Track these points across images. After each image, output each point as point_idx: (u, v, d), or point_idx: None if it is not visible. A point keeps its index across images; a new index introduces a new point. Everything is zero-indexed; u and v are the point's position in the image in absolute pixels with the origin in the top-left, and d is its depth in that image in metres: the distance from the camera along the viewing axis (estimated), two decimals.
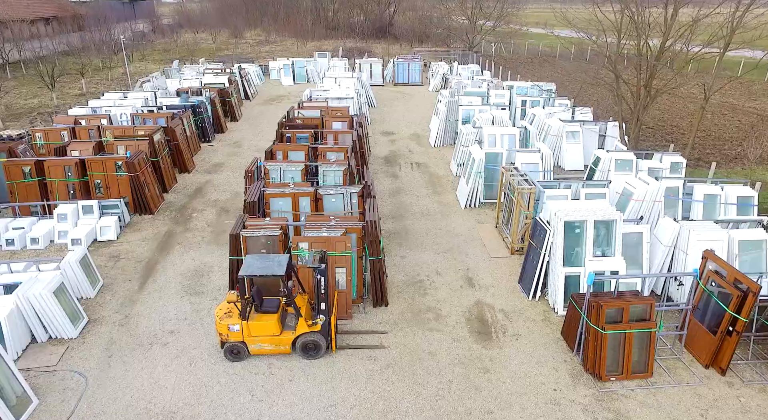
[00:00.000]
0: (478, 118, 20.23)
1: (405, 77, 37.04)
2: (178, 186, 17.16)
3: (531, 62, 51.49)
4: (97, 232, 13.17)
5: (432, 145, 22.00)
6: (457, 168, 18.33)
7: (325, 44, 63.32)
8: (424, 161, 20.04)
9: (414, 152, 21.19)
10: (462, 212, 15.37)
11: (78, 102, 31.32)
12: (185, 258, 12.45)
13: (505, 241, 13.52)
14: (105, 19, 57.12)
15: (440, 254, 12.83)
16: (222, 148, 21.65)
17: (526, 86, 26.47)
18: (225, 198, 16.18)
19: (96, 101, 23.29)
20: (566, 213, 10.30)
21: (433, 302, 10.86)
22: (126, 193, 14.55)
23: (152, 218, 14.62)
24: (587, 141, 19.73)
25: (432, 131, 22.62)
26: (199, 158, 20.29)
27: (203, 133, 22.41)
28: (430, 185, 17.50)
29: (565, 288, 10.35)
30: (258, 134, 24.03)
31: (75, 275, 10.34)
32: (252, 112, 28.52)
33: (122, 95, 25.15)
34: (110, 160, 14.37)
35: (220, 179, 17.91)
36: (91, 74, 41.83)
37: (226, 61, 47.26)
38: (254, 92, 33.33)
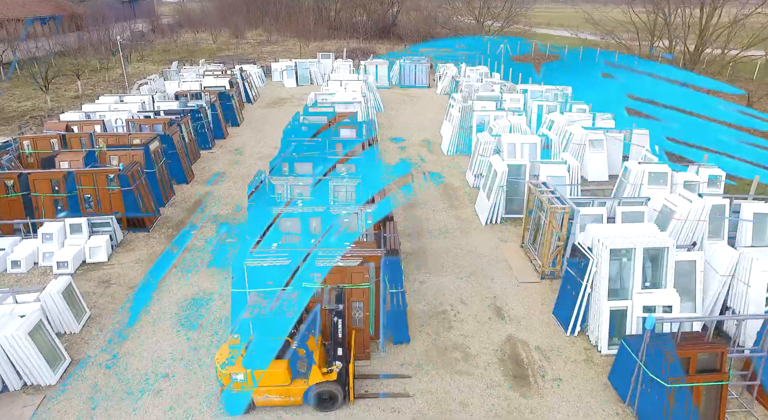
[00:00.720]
0: (494, 125, 19.05)
1: (411, 79, 35.86)
2: (176, 199, 15.98)
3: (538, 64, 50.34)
4: (86, 253, 11.99)
5: (445, 152, 20.81)
6: (474, 179, 17.14)
7: (328, 45, 62.16)
8: (437, 171, 18.85)
9: (427, 161, 20.00)
10: (483, 229, 14.19)
11: (73, 105, 30.17)
12: (182, 283, 11.27)
13: (533, 263, 12.34)
14: (103, 18, 55.94)
15: (463, 279, 11.65)
16: (223, 156, 20.46)
17: (541, 90, 25.30)
18: (226, 213, 14.99)
19: (90, 105, 22.11)
20: (611, 239, 9.12)
21: (460, 338, 9.68)
22: (118, 209, 13.37)
23: (147, 236, 13.44)
24: (611, 150, 18.56)
25: (444, 138, 21.44)
26: (198, 167, 19.11)
27: (203, 140, 21.23)
28: (446, 198, 16.32)
29: (609, 323, 9.18)
30: (260, 140, 22.85)
31: (57, 308, 9.17)
32: (254, 116, 27.34)
33: (118, 99, 23.99)
34: (101, 173, 13.19)
35: (221, 191, 16.72)
36: (88, 75, 40.67)
37: (226, 61, 46.11)
38: (256, 94, 32.16)
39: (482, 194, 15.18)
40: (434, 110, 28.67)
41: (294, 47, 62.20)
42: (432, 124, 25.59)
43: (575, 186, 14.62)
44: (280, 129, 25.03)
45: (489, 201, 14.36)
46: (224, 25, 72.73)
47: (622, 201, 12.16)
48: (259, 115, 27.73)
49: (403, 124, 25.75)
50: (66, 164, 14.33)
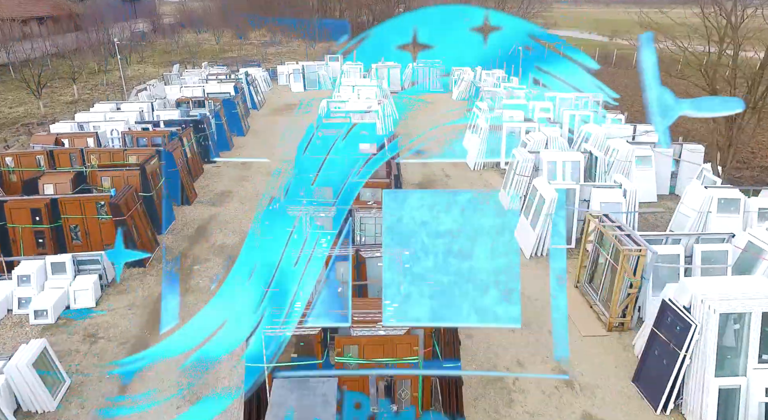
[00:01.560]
0: (528, 139, 17.23)
1: (425, 83, 34.04)
2: (177, 224, 14.17)
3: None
4: (71, 298, 10.19)
5: (471, 167, 18.98)
6: (510, 201, 15.32)
7: (334, 46, 60.38)
8: (465, 189, 17.03)
9: (452, 177, 18.18)
10: (528, 264, 12.38)
11: (68, 110, 28.40)
12: (183, 338, 9.47)
13: (594, 309, 10.53)
14: (102, 18, 54.18)
15: (516, 331, 9.83)
16: (228, 171, 18.65)
17: (570, 97, 23.48)
18: (233, 242, 13.17)
19: (84, 115, 20.30)
20: (720, 301, 7.30)
21: (525, 417, 7.87)
22: (110, 241, 11.58)
23: (143, 272, 11.64)
24: (659, 167, 16.74)
25: (470, 151, 19.60)
26: (201, 184, 17.31)
27: (206, 153, 19.44)
28: None
29: (717, 404, 7.36)
30: (268, 152, 21.04)
31: (26, 383, 7.37)
32: (260, 124, 25.55)
33: (114, 106, 22.20)
34: (90, 200, 11.40)
35: (227, 214, 14.91)
36: (86, 78, 38.92)
37: (230, 64, 44.35)
38: (262, 100, 30.37)
39: (523, 222, 13.36)
40: (453, 118, 26.85)
41: (299, 48, 60.46)
42: (452, 133, 23.76)
43: (632, 213, 12.80)
44: (289, 139, 23.34)
45: (534, 231, 12.53)
46: (227, 25, 70.94)
47: (700, 238, 10.35)
48: (265, 122, 25.93)
49: (419, 132, 23.92)
50: (51, 188, 12.54)
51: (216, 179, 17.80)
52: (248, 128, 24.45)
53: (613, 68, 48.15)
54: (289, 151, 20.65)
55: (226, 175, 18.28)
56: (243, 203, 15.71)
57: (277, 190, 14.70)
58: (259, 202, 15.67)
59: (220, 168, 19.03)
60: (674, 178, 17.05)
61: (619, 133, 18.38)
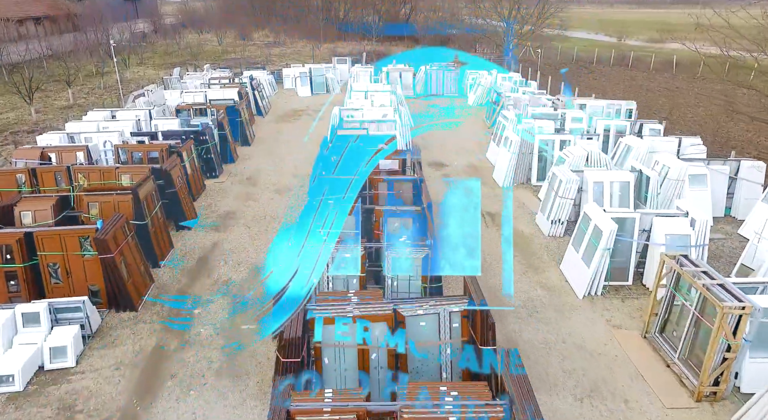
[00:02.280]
0: (566, 154, 15.49)
1: (439, 88, 32.32)
2: (175, 253, 12.45)
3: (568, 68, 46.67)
4: (45, 357, 8.49)
5: (500, 184, 17.24)
6: (551, 226, 13.57)
7: (340, 47, 58.74)
8: (497, 210, 15.29)
9: (481, 195, 16.44)
10: (581, 304, 10.64)
11: (61, 116, 26.73)
12: (183, 410, 7.76)
13: (671, 367, 8.79)
14: (101, 18, 52.50)
15: (584, 401, 8.11)
16: (232, 188, 16.93)
17: (602, 105, 21.74)
18: (240, 276, 11.46)
19: (75, 124, 18.61)
20: None
21: None
22: (96, 282, 9.89)
23: (134, 319, 9.92)
24: (714, 186, 14.98)
25: (498, 166, 17.86)
26: (203, 202, 15.61)
27: (209, 166, 17.74)
28: (520, 252, 12.76)
29: None
30: (276, 164, 19.34)
31: None
32: (266, 132, 23.84)
33: (109, 114, 20.52)
34: (72, 235, 9.69)
35: (232, 240, 13.19)
36: (82, 81, 37.26)
37: (233, 66, 42.69)
38: (267, 105, 28.67)
39: (572, 254, 11.62)
40: (472, 125, 25.14)
41: (304, 49, 58.78)
42: (473, 144, 22.05)
43: (702, 247, 11.06)
44: (298, 150, 21.62)
45: (589, 268, 10.79)
46: (229, 26, 69.28)
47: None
48: (271, 131, 24.22)
49: (439, 143, 22.21)
50: (29, 216, 10.84)
51: (219, 197, 16.08)
52: (254, 137, 22.75)
53: (631, 70, 46.32)
54: (298, 161, 19.02)
55: (231, 192, 16.56)
56: (249, 227, 13.98)
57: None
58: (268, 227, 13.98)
59: (223, 184, 17.32)
60: (730, 198, 15.32)
61: (665, 147, 16.68)
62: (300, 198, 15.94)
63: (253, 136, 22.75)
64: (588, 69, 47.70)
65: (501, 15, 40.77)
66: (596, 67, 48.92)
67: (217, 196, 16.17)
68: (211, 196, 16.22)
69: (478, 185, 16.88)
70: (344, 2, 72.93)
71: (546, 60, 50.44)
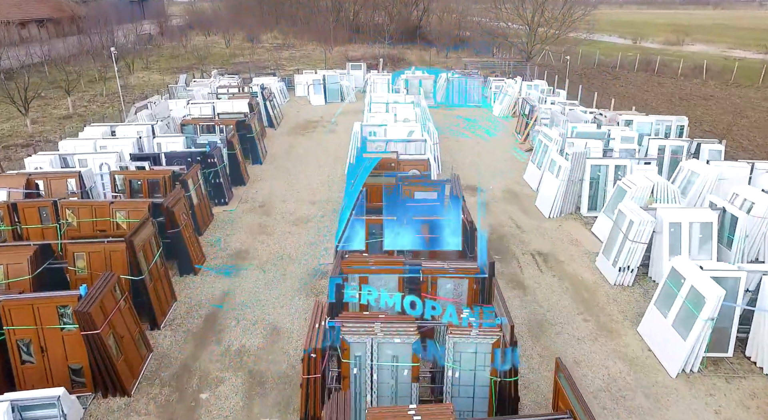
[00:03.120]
0: (627, 184, 13.45)
1: (462, 97, 30.31)
2: (178, 310, 10.53)
3: (591, 74, 44.52)
4: None
5: (546, 214, 15.21)
6: (618, 273, 11.54)
7: (351, 49, 56.87)
8: (548, 249, 13.27)
9: (525, 229, 14.43)
10: (677, 386, 8.61)
11: (59, 128, 24.97)
12: None
13: None
14: (106, 20, 50.83)
15: None
16: (243, 218, 15.00)
17: (650, 121, 19.67)
18: (255, 343, 9.51)
19: (70, 142, 16.77)
20: None
21: None
22: (78, 359, 7.98)
23: (126, 408, 7.99)
24: None
25: (543, 193, 15.83)
26: (211, 236, 13.70)
27: (217, 192, 15.84)
28: (585, 308, 10.75)
29: None
30: (291, 186, 17.41)
31: None
32: (279, 148, 21.92)
33: (108, 130, 18.68)
34: (48, 304, 7.78)
35: (245, 289, 11.26)
36: (84, 87, 35.51)
37: (241, 70, 40.89)
38: (279, 115, 26.77)
39: (656, 317, 9.58)
40: (501, 140, 23.13)
41: (314, 52, 56.96)
42: (506, 162, 20.05)
43: None
44: (314, 169, 19.61)
45: (684, 340, 8.76)
46: (237, 28, 67.52)
47: None
48: (284, 145, 22.30)
49: (469, 161, 20.21)
50: (0, 271, 8.94)
51: (229, 230, 14.15)
52: (265, 154, 20.82)
53: (658, 77, 44.09)
54: (316, 183, 17.00)
55: (242, 223, 14.62)
56: (265, 270, 12.04)
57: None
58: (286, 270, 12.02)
59: (233, 212, 15.40)
60: None
61: (734, 174, 14.64)
62: (320, 231, 14.02)
63: (265, 153, 20.83)
64: (611, 74, 45.54)
65: (524, 18, 38.66)
66: (620, 72, 46.76)
67: (226, 229, 14.24)
68: (220, 228, 14.30)
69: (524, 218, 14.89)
70: (354, 3, 71.00)
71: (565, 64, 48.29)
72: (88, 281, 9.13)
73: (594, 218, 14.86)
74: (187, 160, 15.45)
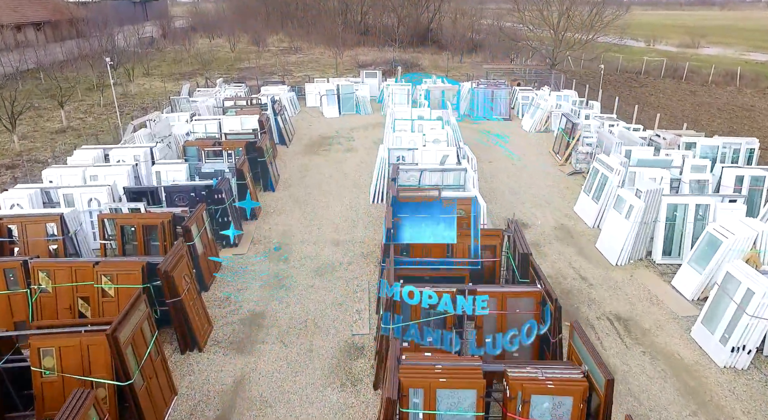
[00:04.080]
0: (721, 233, 11.11)
1: (487, 109, 27.99)
2: (179, 410, 8.23)
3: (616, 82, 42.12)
4: None
5: (614, 261, 12.88)
6: (730, 355, 9.21)
7: (361, 53, 54.59)
8: (627, 311, 10.94)
9: (591, 280, 12.10)
10: None
11: (51, 144, 22.79)
12: None
13: None
14: (105, 23, 48.65)
15: None
16: (257, 267, 12.70)
17: (716, 144, 17.34)
18: None
19: (56, 171, 14.56)
20: None
21: None
22: None
23: None
24: None
25: (608, 234, 13.45)
26: (218, 293, 11.43)
27: (224, 228, 13.56)
28: (698, 405, 8.41)
29: None
30: (309, 221, 15.12)
31: None
32: (292, 170, 19.64)
33: (101, 153, 16.47)
34: None
35: (263, 373, 8.97)
36: (81, 96, 33.32)
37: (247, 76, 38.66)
38: (290, 130, 24.52)
39: None
40: (537, 160, 20.81)
41: (322, 57, 54.75)
42: (549, 189, 17.75)
43: None
44: (334, 197, 17.19)
45: None
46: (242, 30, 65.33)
47: None
48: (298, 167, 20.02)
49: (507, 187, 17.91)
50: None
51: (240, 283, 11.87)
52: (278, 178, 18.56)
53: (686, 84, 41.68)
54: (338, 216, 14.42)
55: (255, 272, 12.34)
56: (286, 343, 9.76)
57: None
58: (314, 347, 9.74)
59: (243, 257, 13.13)
60: None
61: None
62: (348, 285, 11.74)
63: (278, 177, 18.56)
64: (638, 82, 43.14)
65: (549, 22, 36.29)
66: (645, 79, 44.36)
67: (237, 280, 11.97)
68: (229, 278, 12.02)
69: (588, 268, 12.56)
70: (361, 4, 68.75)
71: (586, 70, 45.91)
72: (58, 387, 6.89)
73: (670, 266, 12.59)
74: (190, 194, 13.22)
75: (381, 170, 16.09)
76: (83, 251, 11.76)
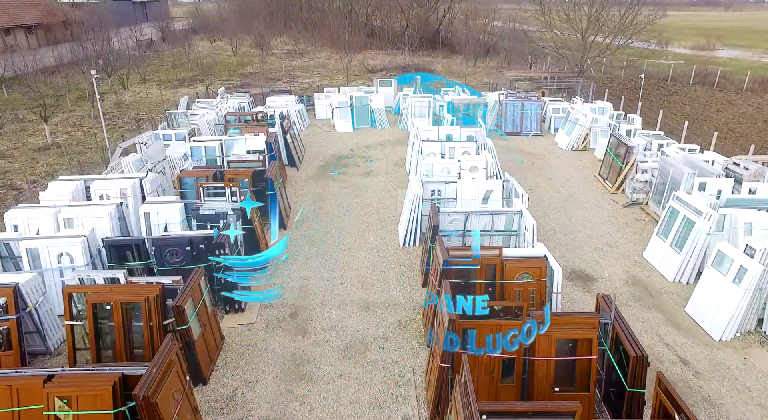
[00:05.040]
0: None
1: (517, 124, 25.37)
2: None
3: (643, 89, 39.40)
4: None
5: (717, 335, 10.26)
6: None
7: (369, 57, 52.00)
8: (756, 415, 8.34)
9: (694, 365, 9.47)
10: None
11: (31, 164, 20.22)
12: None
13: None
14: (101, 24, 46.05)
15: None
16: (268, 340, 10.06)
17: None
18: None
19: (21, 212, 11.94)
20: None
21: None
22: None
23: None
24: None
25: (703, 300, 10.81)
26: (219, 389, 8.81)
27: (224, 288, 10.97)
28: None
29: None
30: (330, 274, 12.48)
31: None
32: (305, 200, 17.01)
33: (81, 186, 13.87)
34: None
35: None
36: (71, 106, 30.73)
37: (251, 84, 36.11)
38: (300, 148, 21.93)
39: None
40: (583, 187, 18.18)
41: (329, 61, 52.14)
42: (610, 228, 15.10)
43: None
44: (356, 238, 14.40)
45: None
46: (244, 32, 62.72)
47: None
48: (312, 196, 17.39)
49: (557, 225, 15.29)
50: None
51: (248, 370, 9.25)
52: (290, 212, 15.97)
53: (720, 92, 39.05)
54: (364, 267, 11.67)
55: (266, 351, 9.71)
56: None
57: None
58: None
59: (251, 327, 10.52)
60: None
61: None
62: (387, 374, 9.13)
63: (289, 211, 15.97)
64: (666, 89, 40.51)
65: (576, 26, 33.63)
66: (673, 86, 41.72)
67: (244, 366, 9.35)
68: (234, 365, 9.40)
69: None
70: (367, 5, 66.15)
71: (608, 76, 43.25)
72: None
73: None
74: (185, 248, 10.62)
75: (415, 208, 13.47)
76: (47, 332, 9.17)
